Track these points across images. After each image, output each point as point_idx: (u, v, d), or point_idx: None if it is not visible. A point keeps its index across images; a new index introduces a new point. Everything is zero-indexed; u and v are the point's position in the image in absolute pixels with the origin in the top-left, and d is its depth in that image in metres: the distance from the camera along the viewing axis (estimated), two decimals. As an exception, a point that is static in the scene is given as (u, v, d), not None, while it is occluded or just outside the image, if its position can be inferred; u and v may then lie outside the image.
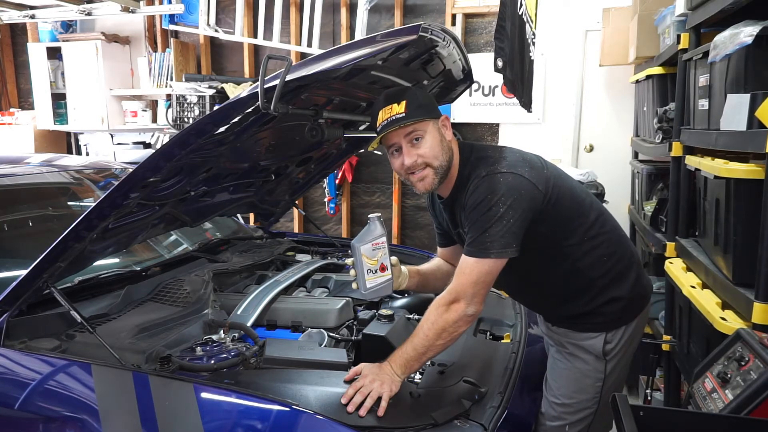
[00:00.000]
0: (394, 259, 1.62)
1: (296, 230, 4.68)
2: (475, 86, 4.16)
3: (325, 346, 1.70)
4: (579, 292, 1.55)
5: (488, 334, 1.94)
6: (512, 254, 1.40)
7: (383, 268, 1.53)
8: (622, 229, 1.64)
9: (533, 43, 2.51)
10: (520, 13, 2.19)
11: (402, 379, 1.40)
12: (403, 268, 1.71)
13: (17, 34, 5.48)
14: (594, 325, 1.56)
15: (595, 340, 1.55)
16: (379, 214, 1.56)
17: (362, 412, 1.30)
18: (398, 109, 1.43)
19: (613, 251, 1.54)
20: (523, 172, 1.42)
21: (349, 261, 1.60)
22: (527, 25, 2.33)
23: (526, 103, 2.35)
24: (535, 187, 1.42)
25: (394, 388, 1.37)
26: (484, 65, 3.72)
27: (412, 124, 1.44)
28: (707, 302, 1.78)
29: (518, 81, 2.20)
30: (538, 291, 1.65)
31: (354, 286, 1.60)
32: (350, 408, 1.31)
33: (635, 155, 3.56)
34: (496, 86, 4.13)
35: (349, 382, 1.40)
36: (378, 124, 1.47)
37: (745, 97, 1.58)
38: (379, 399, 1.33)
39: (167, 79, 4.72)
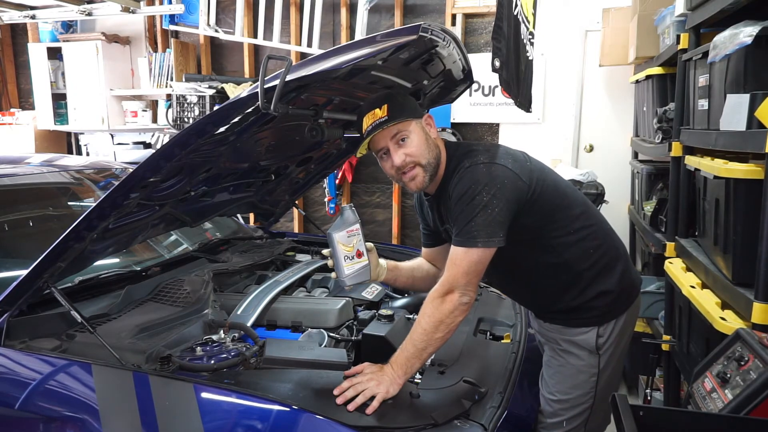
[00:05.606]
0: (369, 245, 1.63)
1: (296, 230, 4.68)
2: (475, 86, 4.16)
3: (325, 346, 1.70)
4: (567, 286, 1.56)
5: (488, 334, 1.94)
6: (499, 243, 1.41)
7: (359, 254, 1.54)
8: (608, 223, 1.66)
9: (531, 43, 2.51)
10: (515, 13, 2.19)
11: (403, 382, 1.40)
12: (382, 261, 1.73)
13: (18, 34, 5.48)
14: (585, 319, 1.57)
15: (588, 335, 1.57)
16: (351, 204, 1.59)
17: (350, 407, 1.31)
18: (381, 113, 1.47)
19: (598, 244, 1.56)
20: (506, 163, 1.45)
21: (325, 252, 1.61)
22: (522, 25, 2.33)
23: (523, 104, 2.34)
24: (518, 177, 1.45)
25: (391, 390, 1.37)
26: (484, 65, 3.69)
27: (395, 125, 1.47)
28: (707, 302, 1.78)
29: (513, 81, 2.19)
30: (528, 286, 1.66)
31: (333, 275, 1.61)
32: (339, 400, 1.32)
33: (635, 155, 3.56)
34: (496, 86, 4.13)
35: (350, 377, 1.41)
36: (364, 130, 1.51)
37: (745, 97, 1.58)
38: (372, 398, 1.33)
39: (167, 79, 4.72)
